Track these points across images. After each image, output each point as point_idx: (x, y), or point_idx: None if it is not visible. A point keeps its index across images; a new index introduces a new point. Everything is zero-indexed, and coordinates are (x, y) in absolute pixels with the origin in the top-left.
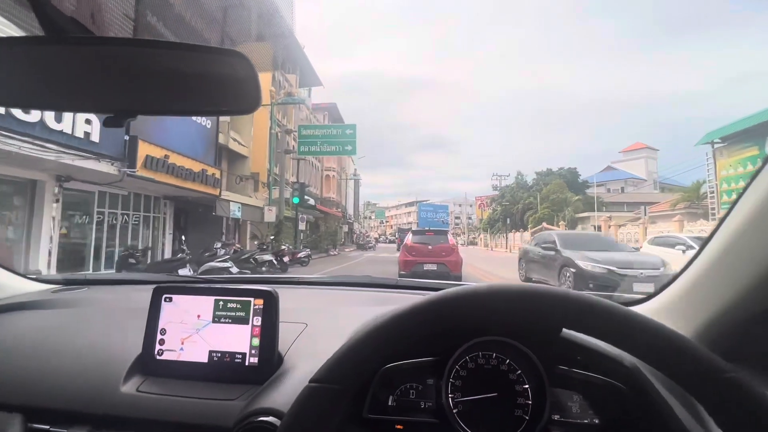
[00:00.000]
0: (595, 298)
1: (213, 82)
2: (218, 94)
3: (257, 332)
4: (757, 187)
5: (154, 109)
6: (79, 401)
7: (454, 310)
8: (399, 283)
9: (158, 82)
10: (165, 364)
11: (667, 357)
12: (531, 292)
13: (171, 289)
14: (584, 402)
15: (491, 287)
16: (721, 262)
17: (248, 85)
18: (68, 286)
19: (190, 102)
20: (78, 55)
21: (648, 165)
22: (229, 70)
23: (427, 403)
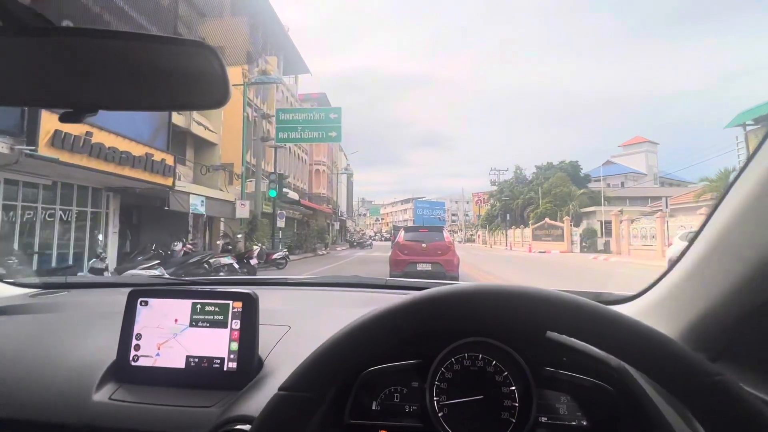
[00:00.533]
0: (581, 300)
1: (179, 75)
2: (185, 88)
3: (236, 336)
4: (743, 184)
5: (115, 103)
6: (48, 411)
7: (434, 311)
8: (388, 283)
9: (120, 76)
10: (140, 370)
11: (652, 360)
12: (514, 292)
13: (147, 293)
14: (572, 403)
15: (473, 287)
16: (708, 261)
17: (216, 78)
18: (47, 290)
19: (154, 96)
20: (35, 47)
21: (648, 159)
22: (196, 62)
23: (411, 406)
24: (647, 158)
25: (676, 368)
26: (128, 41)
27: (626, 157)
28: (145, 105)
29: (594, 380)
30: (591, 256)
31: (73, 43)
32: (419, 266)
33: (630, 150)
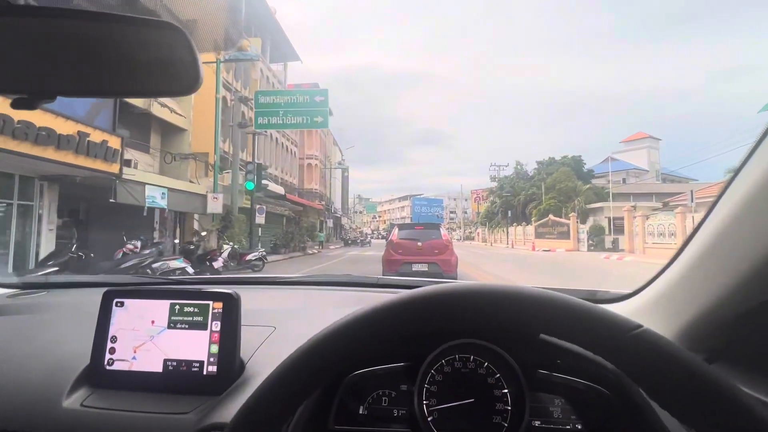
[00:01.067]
0: (573, 300)
1: (145, 58)
2: (151, 73)
3: (216, 338)
4: (740, 183)
5: (74, 89)
6: (14, 419)
7: (420, 312)
8: (380, 281)
9: (79, 59)
10: (115, 374)
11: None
12: (506, 292)
13: (123, 293)
14: (566, 406)
15: (463, 286)
16: (706, 259)
17: (185, 62)
18: (26, 290)
19: (117, 82)
20: None
21: (650, 155)
22: (164, 45)
23: (400, 410)
24: (649, 154)
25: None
26: (89, 21)
27: (628, 153)
28: (107, 91)
29: (589, 383)
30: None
31: (27, 23)
32: (414, 267)
33: (632, 146)
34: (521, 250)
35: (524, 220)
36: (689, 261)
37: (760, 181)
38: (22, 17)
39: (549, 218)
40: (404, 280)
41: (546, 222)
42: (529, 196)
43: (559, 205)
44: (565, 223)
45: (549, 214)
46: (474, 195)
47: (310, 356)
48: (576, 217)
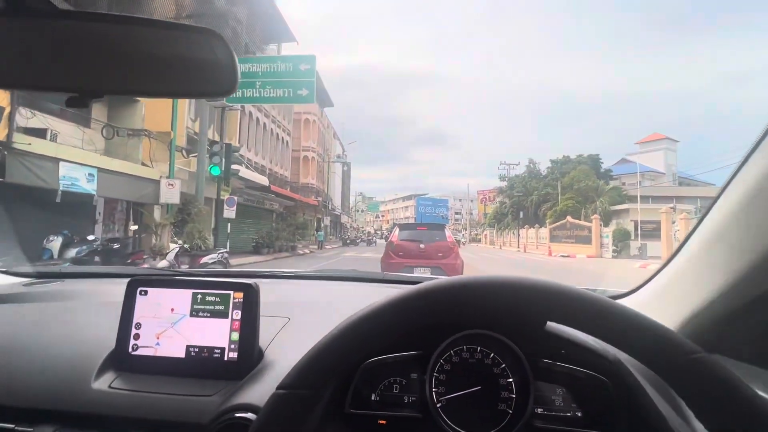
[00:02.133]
0: (578, 289)
1: (186, 62)
2: (192, 75)
3: (237, 326)
4: (740, 180)
5: (121, 88)
6: (47, 399)
7: (432, 305)
8: (386, 276)
9: (127, 61)
10: (140, 359)
11: (637, 340)
12: (515, 283)
13: (146, 282)
14: (568, 395)
15: (473, 279)
16: (703, 257)
17: (224, 66)
18: (41, 279)
19: (160, 83)
20: (39, 30)
21: (667, 157)
22: (204, 49)
23: (410, 397)
24: (666, 156)
25: (658, 348)
26: (135, 26)
27: (643, 155)
28: (150, 91)
29: (590, 372)
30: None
31: (78, 27)
32: (416, 271)
33: (647, 147)
34: (535, 254)
35: (537, 222)
36: (686, 259)
37: (754, 183)
38: (72, 21)
39: (567, 220)
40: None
41: (563, 224)
42: (542, 196)
43: (578, 207)
44: (586, 225)
45: (567, 216)
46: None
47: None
48: (599, 220)
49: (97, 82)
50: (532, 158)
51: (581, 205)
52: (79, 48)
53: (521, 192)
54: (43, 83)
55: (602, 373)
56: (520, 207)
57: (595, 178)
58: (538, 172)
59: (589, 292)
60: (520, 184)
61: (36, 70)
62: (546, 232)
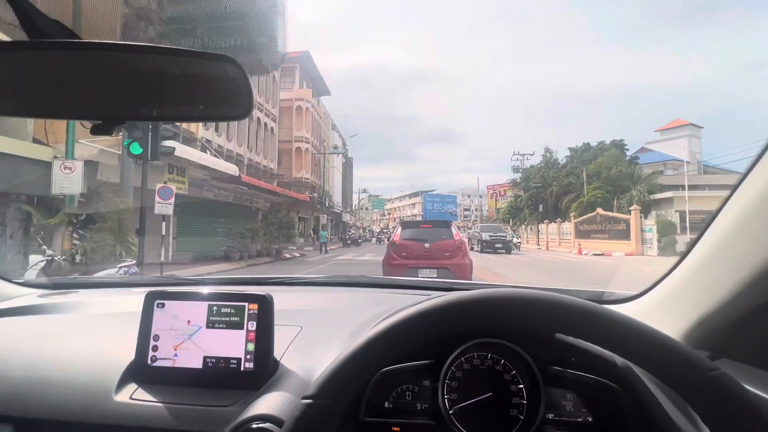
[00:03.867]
0: (586, 303)
1: (203, 87)
2: (209, 100)
3: (252, 337)
4: (747, 186)
5: (143, 114)
6: (70, 410)
7: (448, 319)
8: (394, 282)
9: (147, 88)
10: (159, 370)
11: (654, 358)
12: (524, 298)
13: (163, 295)
14: (578, 400)
15: (483, 294)
16: (711, 262)
17: (239, 89)
18: (57, 290)
19: (179, 107)
20: (63, 60)
21: (691, 145)
22: (220, 74)
23: (423, 404)
24: (690, 144)
25: (676, 365)
26: (153, 54)
27: (665, 143)
28: (170, 116)
29: (599, 378)
30: None
31: (99, 56)
32: (421, 272)
33: (669, 135)
34: (561, 253)
35: (558, 215)
36: (695, 263)
37: (764, 186)
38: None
39: (597, 213)
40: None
41: (592, 218)
42: (563, 187)
43: (608, 197)
44: (622, 218)
45: (596, 208)
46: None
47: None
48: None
49: (120, 110)
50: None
51: (611, 195)
52: (102, 77)
53: (539, 183)
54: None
55: (611, 380)
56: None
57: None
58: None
59: (599, 306)
60: (536, 174)
61: (62, 99)
62: (571, 227)
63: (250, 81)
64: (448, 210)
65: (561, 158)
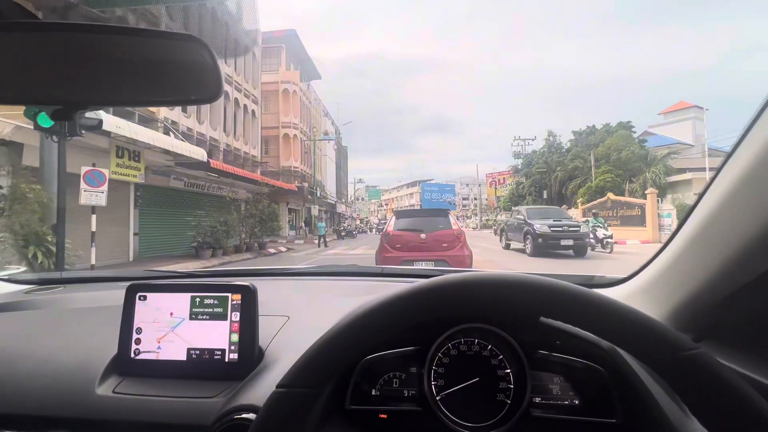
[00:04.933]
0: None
1: (169, 69)
2: (176, 83)
3: (236, 328)
4: (731, 168)
5: (106, 99)
6: (52, 405)
7: (430, 303)
8: (385, 271)
9: (110, 71)
10: (142, 363)
11: (631, 337)
12: (509, 280)
13: (145, 287)
14: (565, 384)
15: (470, 276)
16: (695, 245)
17: (208, 72)
18: (42, 286)
19: (145, 92)
20: (21, 43)
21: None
22: (187, 56)
23: (410, 391)
24: (694, 126)
25: (653, 343)
26: (117, 35)
27: (668, 126)
28: (135, 100)
29: (585, 361)
30: None
31: (60, 38)
32: (417, 265)
33: (673, 117)
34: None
35: (563, 202)
36: (680, 246)
37: (746, 170)
38: (54, 33)
39: (607, 198)
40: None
41: (602, 203)
42: (569, 171)
43: (618, 181)
44: (636, 203)
45: (607, 193)
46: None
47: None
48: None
49: (82, 94)
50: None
51: (621, 179)
52: (63, 60)
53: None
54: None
55: (597, 362)
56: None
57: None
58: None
59: (582, 288)
60: (539, 159)
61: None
62: (578, 214)
63: (219, 62)
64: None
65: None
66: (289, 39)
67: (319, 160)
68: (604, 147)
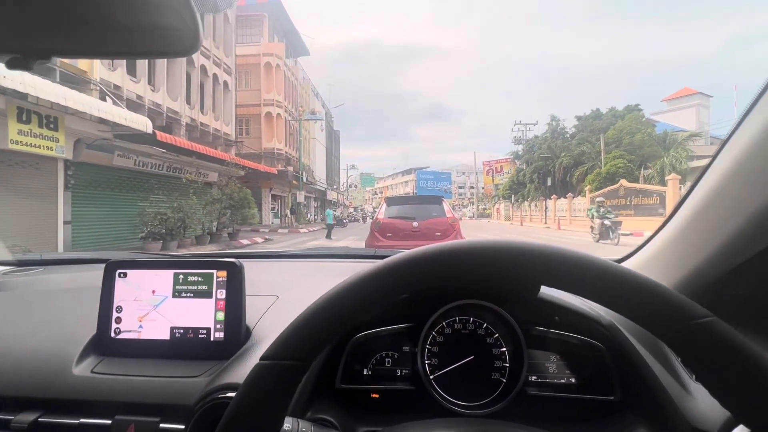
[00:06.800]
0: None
1: (142, 17)
2: (149, 33)
3: (222, 306)
4: (734, 144)
5: (70, 49)
6: (27, 386)
7: (421, 272)
8: (377, 252)
9: (75, 17)
10: (123, 343)
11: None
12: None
13: (125, 264)
14: (561, 362)
15: (463, 244)
16: (696, 222)
17: (184, 21)
18: (21, 267)
19: (113, 42)
20: None
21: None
22: (163, 3)
23: (403, 370)
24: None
25: (661, 311)
26: None
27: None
28: (103, 51)
29: (584, 338)
30: None
31: None
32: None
33: (676, 105)
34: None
35: (567, 190)
36: (680, 223)
37: (748, 147)
38: None
39: (620, 185)
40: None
41: (614, 191)
42: (574, 157)
43: (630, 167)
44: (654, 190)
45: (620, 180)
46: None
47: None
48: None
49: (42, 42)
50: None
51: (634, 164)
52: (20, 3)
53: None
54: None
55: (596, 339)
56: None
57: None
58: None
59: (587, 254)
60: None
61: None
62: (585, 202)
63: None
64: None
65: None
66: (273, 6)
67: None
68: (615, 130)
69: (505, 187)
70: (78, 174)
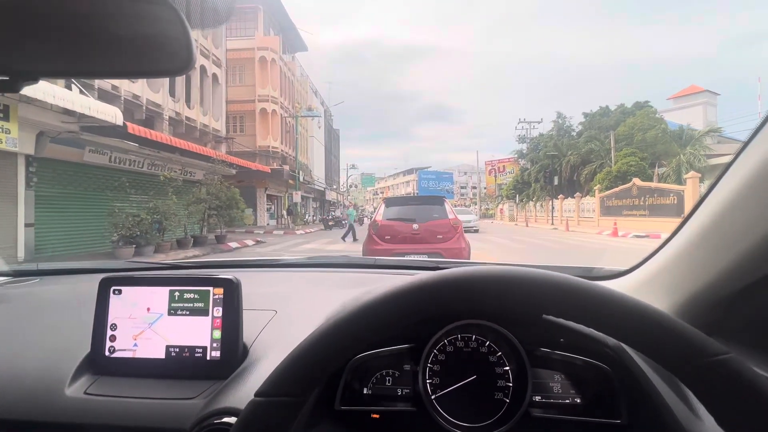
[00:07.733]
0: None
1: (134, 37)
2: (141, 52)
3: (218, 324)
4: (744, 160)
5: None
6: (17, 408)
7: (424, 302)
8: (377, 262)
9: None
10: (117, 362)
11: (651, 339)
12: (509, 275)
13: (120, 280)
14: (566, 382)
15: (465, 273)
16: (706, 237)
17: (177, 40)
18: (18, 278)
19: (105, 61)
20: None
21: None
22: (155, 23)
23: (404, 390)
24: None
25: (676, 347)
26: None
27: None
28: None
29: (590, 360)
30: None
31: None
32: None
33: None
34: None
35: (575, 189)
36: (689, 237)
37: (763, 160)
38: None
39: (633, 184)
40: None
41: (626, 190)
42: (582, 156)
43: (643, 165)
44: (671, 189)
45: (633, 179)
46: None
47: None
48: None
49: (32, 63)
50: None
51: (647, 163)
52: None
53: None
54: None
55: (603, 360)
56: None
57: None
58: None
59: (591, 283)
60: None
61: None
62: (595, 202)
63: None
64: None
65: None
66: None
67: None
68: (626, 127)
69: (509, 186)
70: (42, 171)
